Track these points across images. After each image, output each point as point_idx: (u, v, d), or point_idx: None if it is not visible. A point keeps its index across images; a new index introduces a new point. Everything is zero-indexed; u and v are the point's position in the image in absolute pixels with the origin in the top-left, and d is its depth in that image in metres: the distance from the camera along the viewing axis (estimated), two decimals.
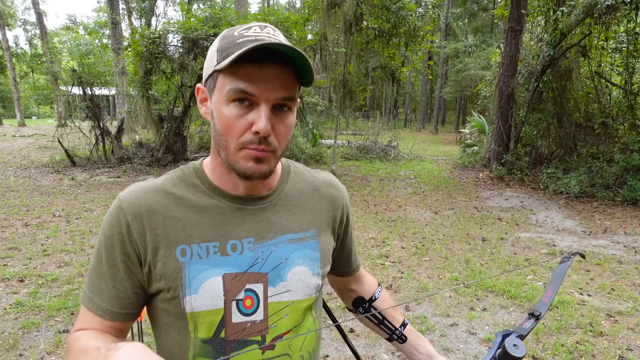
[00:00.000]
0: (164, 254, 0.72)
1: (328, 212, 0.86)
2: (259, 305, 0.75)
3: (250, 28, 0.69)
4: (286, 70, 0.67)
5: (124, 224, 0.71)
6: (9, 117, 32.52)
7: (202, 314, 0.72)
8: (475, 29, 29.44)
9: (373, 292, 1.03)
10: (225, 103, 0.68)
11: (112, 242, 0.72)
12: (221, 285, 0.72)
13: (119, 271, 0.73)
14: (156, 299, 0.75)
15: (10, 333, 2.97)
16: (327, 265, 0.85)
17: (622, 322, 3.30)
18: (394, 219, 6.32)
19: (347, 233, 0.93)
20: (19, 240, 4.92)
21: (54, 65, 15.14)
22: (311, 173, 0.89)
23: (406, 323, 1.01)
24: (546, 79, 9.04)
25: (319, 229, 0.83)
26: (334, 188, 0.89)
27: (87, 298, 0.75)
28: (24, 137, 16.40)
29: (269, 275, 0.75)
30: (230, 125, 0.68)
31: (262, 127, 0.66)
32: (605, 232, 5.79)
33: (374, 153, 13.30)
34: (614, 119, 8.43)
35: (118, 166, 10.06)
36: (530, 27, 10.03)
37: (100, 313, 0.74)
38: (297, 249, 0.79)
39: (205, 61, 0.74)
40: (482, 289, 3.89)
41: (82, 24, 37.16)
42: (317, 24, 10.54)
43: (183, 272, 0.71)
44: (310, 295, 0.80)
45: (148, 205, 0.73)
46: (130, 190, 0.75)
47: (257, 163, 0.70)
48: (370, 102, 31.24)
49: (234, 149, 0.69)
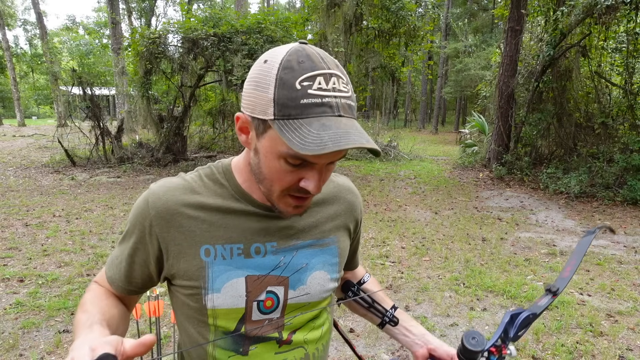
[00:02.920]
0: (188, 252, 0.73)
1: (347, 218, 0.88)
2: (279, 306, 0.78)
3: (314, 79, 0.60)
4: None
5: (148, 219, 0.74)
6: (9, 117, 32.52)
7: (223, 311, 0.74)
8: (475, 29, 29.44)
9: (361, 276, 1.04)
10: (275, 157, 0.65)
11: (135, 231, 0.76)
12: (244, 286, 0.74)
13: (134, 257, 0.77)
14: (179, 291, 0.78)
15: (10, 333, 2.97)
16: (342, 268, 0.89)
17: (622, 322, 3.30)
18: (394, 219, 6.32)
19: (357, 236, 0.97)
20: (19, 240, 4.92)
21: (54, 65, 15.15)
22: (334, 179, 0.90)
23: (396, 307, 1.00)
24: (546, 79, 9.04)
25: (338, 235, 0.85)
26: (352, 194, 0.91)
27: (108, 264, 0.83)
28: (24, 137, 16.39)
29: (290, 279, 0.78)
30: (279, 177, 0.67)
31: (313, 188, 0.67)
32: (605, 232, 5.79)
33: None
34: (614, 119, 8.43)
35: (118, 166, 10.06)
36: (530, 27, 10.03)
37: (110, 282, 0.81)
38: (318, 254, 0.81)
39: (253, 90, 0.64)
40: (482, 289, 3.89)
41: (81, 24, 37.15)
42: (317, 24, 10.54)
43: (206, 271, 0.73)
44: (326, 298, 0.84)
45: (174, 203, 0.74)
46: (160, 185, 0.76)
47: (295, 209, 0.72)
48: (370, 102, 31.20)
49: (277, 193, 0.70)
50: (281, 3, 41.19)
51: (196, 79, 10.42)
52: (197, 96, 11.39)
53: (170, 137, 10.62)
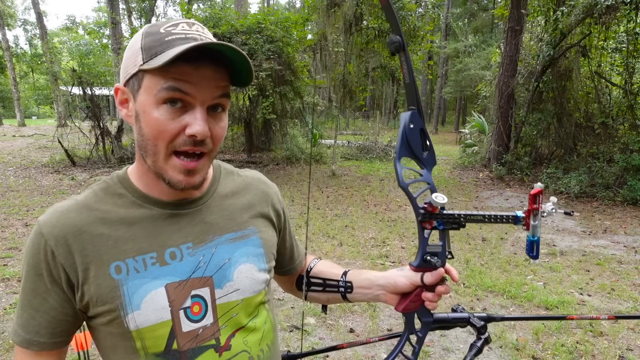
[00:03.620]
0: (97, 274, 0.67)
1: (263, 207, 0.85)
2: (207, 309, 0.72)
3: (177, 25, 0.66)
4: (220, 70, 0.65)
5: (48, 251, 0.67)
6: (9, 117, 32.54)
7: (148, 329, 0.68)
8: (475, 29, 29.45)
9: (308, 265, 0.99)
10: (155, 105, 0.64)
11: (37, 272, 0.68)
12: (165, 296, 0.69)
13: (48, 301, 0.69)
14: (96, 322, 0.71)
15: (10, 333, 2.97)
16: (272, 259, 0.84)
17: (622, 322, 3.30)
18: (394, 219, 6.32)
19: (285, 229, 0.92)
20: (19, 240, 4.92)
21: (54, 65, 15.16)
22: (240, 172, 0.88)
23: (347, 271, 0.94)
24: (546, 79, 9.04)
25: (257, 225, 0.82)
26: (263, 184, 0.89)
27: (14, 333, 0.71)
28: (24, 137, 16.40)
29: (214, 278, 0.73)
30: (161, 128, 0.64)
31: (199, 129, 0.63)
32: (605, 232, 5.79)
33: (374, 153, 13.30)
34: (614, 119, 8.44)
35: (118, 166, 10.06)
36: (530, 27, 10.03)
37: (27, 346, 0.70)
38: (239, 247, 0.77)
39: (125, 60, 0.68)
40: (482, 289, 3.89)
41: (81, 24, 37.16)
42: (317, 23, 10.55)
43: (121, 289, 0.67)
44: (260, 291, 0.79)
45: (72, 226, 0.68)
46: (50, 213, 0.69)
47: (187, 176, 0.67)
48: (370, 102, 31.24)
49: (163, 156, 0.66)
50: (281, 3, 41.22)
51: None
52: None
53: None
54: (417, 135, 0.76)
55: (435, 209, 0.74)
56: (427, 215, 0.75)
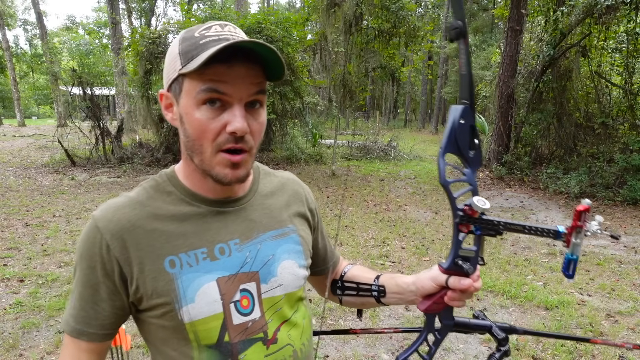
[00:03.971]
0: (152, 268, 0.70)
1: (299, 207, 0.89)
2: (255, 304, 0.76)
3: (210, 28, 0.69)
4: (254, 67, 0.67)
5: (104, 245, 0.69)
6: (9, 117, 32.53)
7: (201, 321, 0.71)
8: (475, 29, 29.45)
9: (342, 270, 1.01)
10: (196, 106, 0.67)
11: (90, 264, 0.70)
12: (217, 290, 0.72)
13: (99, 293, 0.71)
14: (148, 315, 0.73)
15: (10, 333, 2.97)
16: (309, 256, 0.88)
17: (622, 322, 3.30)
18: (394, 219, 6.32)
19: (318, 228, 0.96)
20: (19, 240, 4.92)
21: (54, 65, 15.16)
22: (275, 173, 0.92)
23: (379, 275, 0.94)
24: (546, 79, 9.04)
25: (295, 223, 0.86)
26: (297, 184, 0.93)
27: (65, 322, 0.74)
28: (24, 137, 16.40)
29: (260, 273, 0.76)
30: (203, 128, 0.67)
31: (238, 126, 0.66)
32: (606, 232, 5.78)
33: (374, 153, 13.30)
34: (614, 119, 8.43)
35: (118, 166, 10.06)
36: (530, 27, 10.03)
37: (77, 335, 0.72)
38: (281, 244, 0.81)
39: (166, 66, 0.72)
40: (482, 289, 3.89)
41: (81, 24, 37.17)
42: (317, 23, 10.55)
43: (175, 283, 0.70)
44: (300, 287, 0.83)
45: (127, 221, 0.70)
46: (105, 209, 0.72)
47: (233, 169, 0.70)
48: (370, 102, 31.23)
49: (209, 154, 0.69)
50: (281, 3, 41.22)
51: None
52: None
53: (170, 137, 10.61)
54: (467, 132, 0.71)
55: (475, 213, 0.71)
56: (466, 218, 0.72)
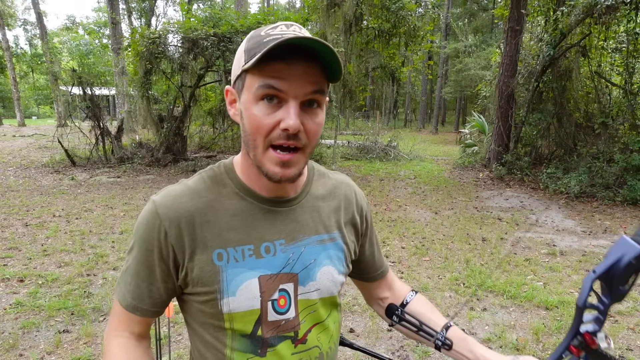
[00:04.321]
0: (201, 258, 0.73)
1: (348, 213, 0.88)
2: (291, 304, 0.78)
3: (277, 27, 0.70)
4: (313, 66, 0.67)
5: (162, 231, 0.73)
6: (9, 117, 32.51)
7: (239, 314, 0.74)
8: (475, 29, 29.44)
9: (404, 296, 0.98)
10: (254, 102, 0.68)
11: (148, 247, 0.74)
12: (257, 287, 0.74)
13: (155, 274, 0.75)
14: (192, 299, 0.77)
15: (10, 333, 2.97)
16: (350, 264, 0.89)
17: (622, 322, 3.30)
18: (394, 219, 6.32)
19: (366, 235, 0.94)
20: (19, 240, 4.92)
21: (54, 65, 15.15)
22: (330, 174, 0.91)
23: (449, 325, 0.92)
24: (546, 79, 9.04)
25: (342, 229, 0.86)
26: (349, 188, 0.92)
27: (121, 295, 0.78)
28: (24, 137, 16.39)
29: (299, 275, 0.78)
30: (258, 123, 0.68)
31: (291, 123, 0.66)
32: (605, 232, 5.79)
33: (374, 153, 13.30)
34: (614, 119, 8.43)
35: (118, 166, 10.06)
36: (530, 27, 10.03)
37: (132, 310, 0.77)
38: (325, 249, 0.82)
39: (233, 63, 0.75)
40: (482, 289, 3.89)
41: (81, 24, 37.15)
42: (317, 24, 10.54)
43: (221, 275, 0.73)
44: (335, 293, 0.84)
45: (185, 210, 0.74)
46: (165, 195, 0.75)
47: (283, 167, 0.70)
48: (370, 102, 31.22)
49: (261, 149, 0.70)
50: (281, 3, 41.21)
51: (196, 79, 10.42)
52: (197, 96, 11.39)
53: (170, 137, 10.62)
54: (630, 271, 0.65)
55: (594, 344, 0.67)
56: (583, 345, 0.68)
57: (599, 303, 0.67)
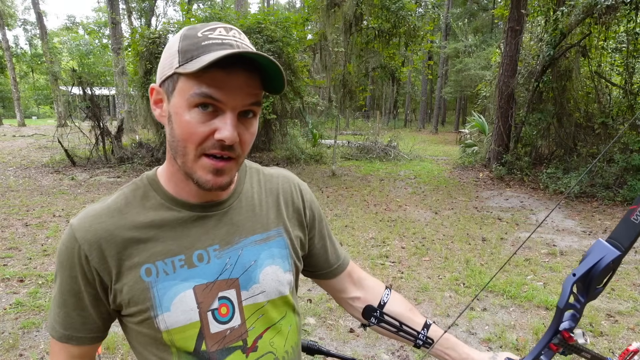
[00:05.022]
0: (128, 277, 0.70)
1: (289, 206, 0.84)
2: (235, 311, 0.74)
3: (215, 29, 0.66)
4: (253, 77, 0.65)
5: (82, 255, 0.69)
6: (9, 117, 32.52)
7: (178, 330, 0.70)
8: (475, 29, 29.44)
9: (380, 296, 0.95)
10: (187, 108, 0.65)
11: (71, 274, 0.70)
12: (193, 298, 0.71)
13: (83, 301, 0.71)
14: (128, 320, 0.73)
15: (10, 333, 2.97)
16: (299, 260, 0.85)
17: (622, 322, 3.30)
18: (394, 219, 6.32)
19: (314, 228, 0.90)
20: (19, 240, 4.92)
21: (54, 65, 15.16)
22: (264, 170, 0.87)
23: (429, 324, 0.92)
24: (546, 79, 9.04)
25: (283, 225, 0.82)
26: (290, 182, 0.87)
27: (52, 328, 0.75)
28: (24, 137, 16.40)
29: (240, 280, 0.74)
30: (191, 131, 0.65)
31: (227, 135, 0.64)
32: (605, 232, 5.79)
33: (374, 153, 13.30)
34: (614, 119, 8.43)
35: (118, 166, 10.06)
36: (530, 27, 10.03)
37: (66, 340, 0.73)
38: (265, 249, 0.77)
39: (162, 61, 0.70)
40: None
41: (81, 24, 37.16)
42: (317, 23, 10.55)
43: (151, 291, 0.69)
44: (285, 293, 0.80)
45: (104, 230, 0.69)
46: (82, 218, 0.71)
47: (216, 175, 0.67)
48: (370, 102, 31.24)
49: (192, 157, 0.67)
50: (281, 3, 41.22)
51: None
52: None
53: None
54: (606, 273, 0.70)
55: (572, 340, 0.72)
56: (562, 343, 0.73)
57: (575, 302, 0.72)
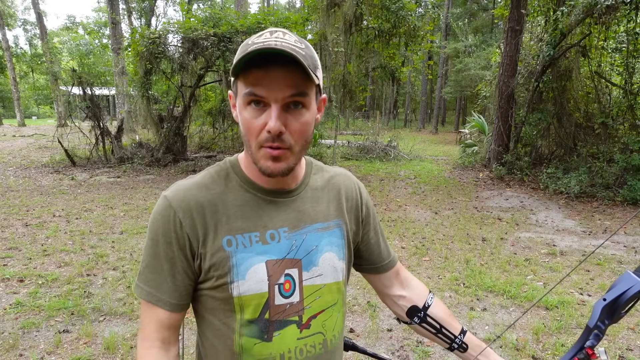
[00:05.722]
0: (212, 245, 0.78)
1: (347, 202, 0.93)
2: (296, 288, 0.82)
3: (262, 35, 0.74)
4: (291, 70, 0.70)
5: (177, 221, 0.77)
6: (9, 117, 32.51)
7: (248, 297, 0.78)
8: (475, 29, 29.44)
9: (425, 298, 1.02)
10: (244, 106, 0.74)
11: (167, 240, 0.78)
12: (265, 271, 0.79)
13: (177, 266, 0.79)
14: (203, 286, 0.81)
15: (10, 333, 2.97)
16: (351, 252, 0.94)
17: (622, 322, 3.30)
18: (394, 219, 6.32)
19: (369, 224, 0.98)
20: (19, 240, 4.92)
21: (54, 65, 15.14)
22: (328, 168, 0.97)
23: (465, 330, 1.00)
24: (546, 79, 9.04)
25: (342, 218, 0.91)
26: (349, 180, 0.97)
27: (147, 293, 0.80)
28: (24, 137, 16.39)
29: (302, 261, 0.83)
30: (249, 126, 0.74)
31: (272, 125, 0.71)
32: (605, 232, 5.79)
33: (374, 153, 13.30)
34: (614, 119, 8.43)
35: (118, 166, 10.06)
36: (530, 27, 10.03)
37: (162, 305, 0.79)
38: (325, 236, 0.86)
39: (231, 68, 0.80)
40: (482, 289, 3.89)
41: (81, 24, 37.15)
42: (317, 24, 10.54)
43: (231, 260, 0.78)
44: (339, 279, 0.88)
45: (196, 201, 0.79)
46: (176, 190, 0.80)
47: (274, 162, 0.75)
48: (370, 102, 31.24)
49: (254, 148, 0.75)
50: (281, 3, 41.18)
51: (196, 79, 10.42)
52: (197, 96, 11.39)
53: (170, 137, 10.62)
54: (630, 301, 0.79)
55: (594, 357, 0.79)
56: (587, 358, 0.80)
57: (601, 323, 0.80)
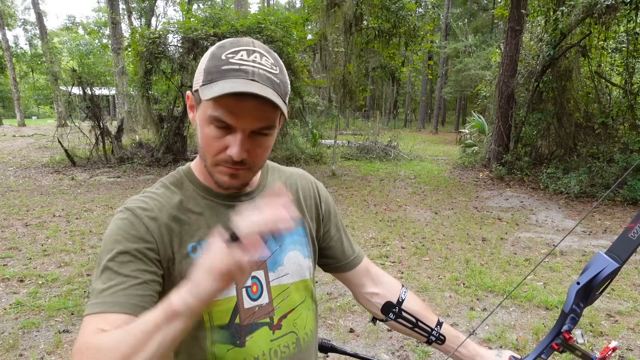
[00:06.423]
0: (179, 252, 0.77)
1: (306, 200, 0.93)
2: (263, 290, 0.82)
3: (238, 52, 0.70)
4: (264, 103, 0.68)
5: (142, 228, 0.74)
6: (9, 117, 32.51)
7: (217, 303, 0.77)
8: (475, 29, 29.44)
9: (398, 292, 1.01)
10: (205, 123, 0.72)
11: (134, 247, 0.72)
12: None
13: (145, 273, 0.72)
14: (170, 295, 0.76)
15: (10, 333, 2.97)
16: (315, 249, 0.94)
17: (622, 322, 3.30)
18: (394, 219, 6.32)
19: (330, 221, 0.98)
20: (19, 240, 4.92)
21: (54, 65, 15.15)
22: (283, 168, 0.97)
23: (441, 322, 0.99)
24: (546, 79, 9.04)
25: (304, 216, 0.91)
26: (306, 179, 0.97)
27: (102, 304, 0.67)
28: (24, 137, 16.39)
29: (267, 262, 0.83)
30: (208, 143, 0.73)
31: (234, 153, 0.70)
32: (605, 232, 5.79)
33: (374, 153, 13.30)
34: (614, 119, 8.43)
35: (118, 166, 10.06)
36: (530, 27, 10.03)
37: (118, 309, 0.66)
38: (288, 235, 0.86)
39: (196, 71, 0.77)
40: (482, 289, 3.89)
41: (81, 24, 37.15)
42: (317, 23, 10.55)
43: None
44: (305, 277, 0.89)
45: (159, 209, 0.77)
46: (134, 200, 0.79)
47: (231, 178, 0.75)
48: (370, 102, 31.24)
49: (211, 163, 0.75)
50: (281, 3, 41.19)
51: None
52: None
53: (170, 137, 10.62)
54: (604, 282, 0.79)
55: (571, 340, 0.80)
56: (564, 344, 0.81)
57: (576, 307, 0.81)
